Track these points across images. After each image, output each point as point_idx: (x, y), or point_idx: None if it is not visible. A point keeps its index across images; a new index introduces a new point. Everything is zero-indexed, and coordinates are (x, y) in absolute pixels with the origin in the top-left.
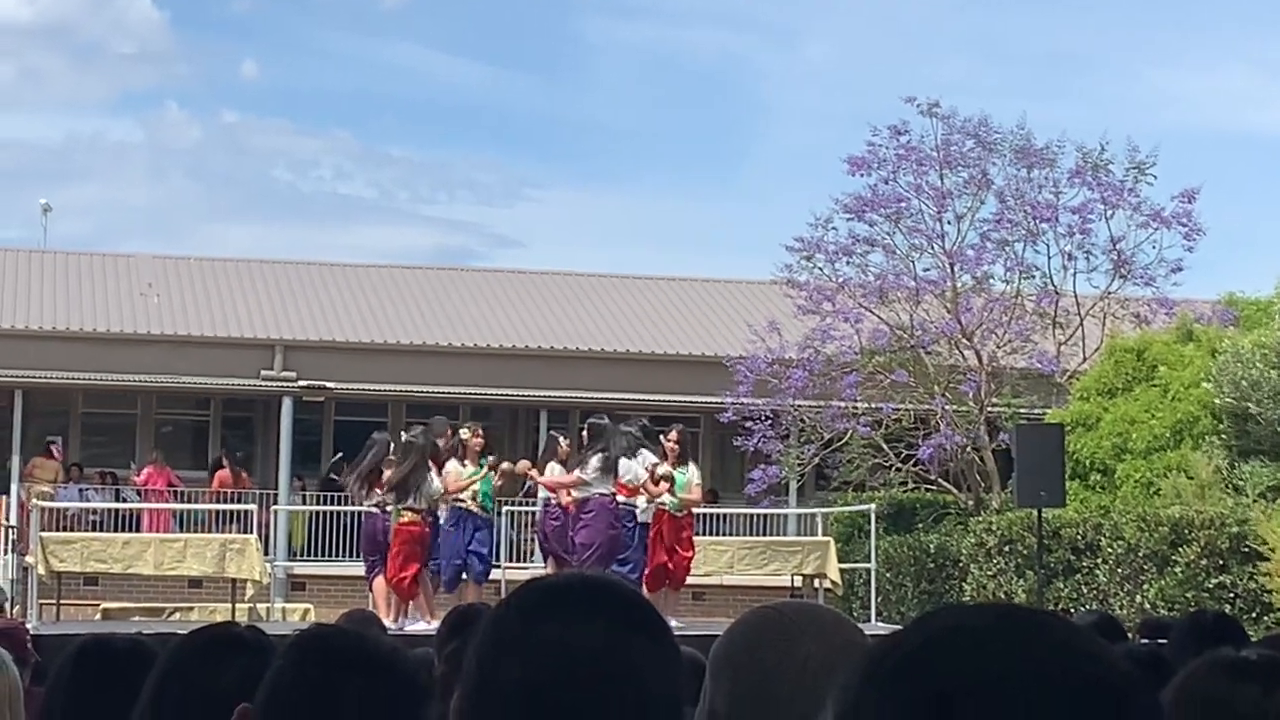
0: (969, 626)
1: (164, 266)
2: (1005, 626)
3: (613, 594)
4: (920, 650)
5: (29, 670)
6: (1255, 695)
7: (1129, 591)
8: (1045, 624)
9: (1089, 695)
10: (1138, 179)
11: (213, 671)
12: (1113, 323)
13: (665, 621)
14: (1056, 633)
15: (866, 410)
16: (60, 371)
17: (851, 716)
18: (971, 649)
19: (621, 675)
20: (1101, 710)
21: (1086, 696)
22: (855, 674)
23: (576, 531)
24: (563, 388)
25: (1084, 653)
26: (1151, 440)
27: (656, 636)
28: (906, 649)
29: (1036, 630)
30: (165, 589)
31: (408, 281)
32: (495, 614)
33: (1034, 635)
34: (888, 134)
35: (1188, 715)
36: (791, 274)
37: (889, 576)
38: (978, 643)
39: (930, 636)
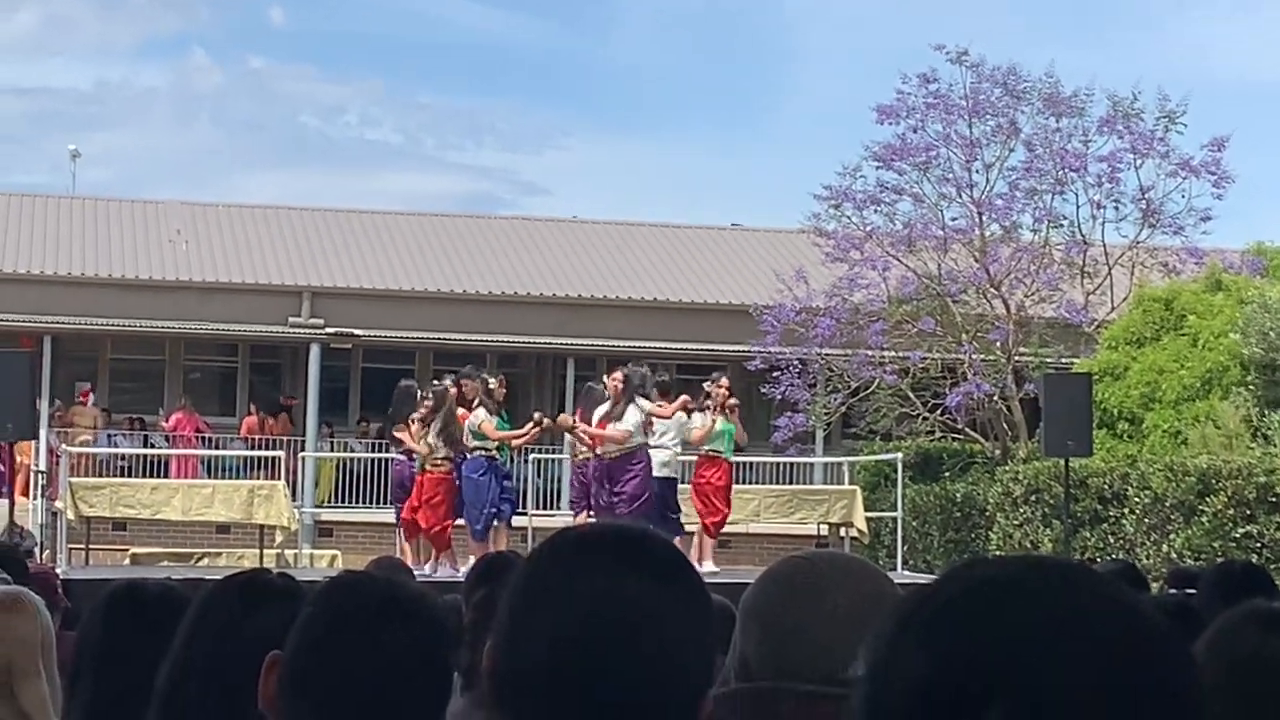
0: (1003, 577)
1: (192, 213)
2: (1039, 577)
3: (646, 545)
4: (955, 601)
5: (59, 615)
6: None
7: (1155, 541)
8: (1079, 575)
9: (1123, 645)
10: (1168, 128)
11: (245, 617)
12: (1141, 272)
13: (698, 572)
14: (1091, 584)
15: (893, 359)
16: (89, 318)
17: (884, 668)
18: (1006, 600)
19: (655, 626)
20: (1136, 660)
21: (1121, 646)
22: (888, 625)
23: (624, 483)
24: (590, 336)
25: (1119, 603)
26: (1180, 390)
27: (689, 587)
28: (941, 600)
29: (1071, 581)
30: (193, 534)
31: (435, 229)
32: (528, 564)
33: (1069, 586)
34: (917, 82)
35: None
36: (819, 222)
37: (915, 525)
38: (1012, 593)
39: (964, 588)
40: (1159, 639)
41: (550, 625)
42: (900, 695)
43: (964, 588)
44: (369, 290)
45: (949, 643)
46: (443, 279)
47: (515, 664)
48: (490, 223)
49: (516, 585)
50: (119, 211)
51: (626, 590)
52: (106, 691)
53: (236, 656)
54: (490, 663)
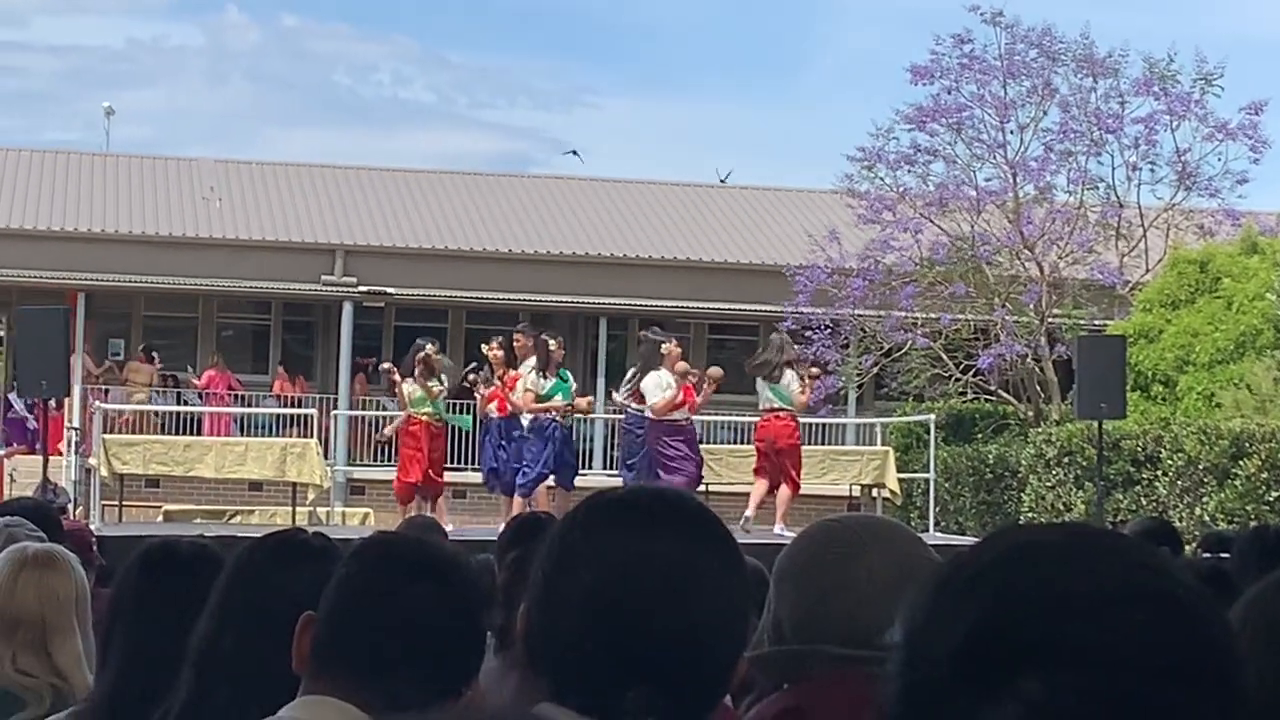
0: (1040, 542)
1: (225, 170)
2: (1076, 544)
3: (681, 507)
4: (991, 567)
5: (94, 572)
6: None
7: (1188, 504)
8: (1117, 542)
9: (1161, 612)
10: (1205, 90)
11: (281, 576)
12: (1176, 234)
13: (731, 534)
14: (1129, 551)
15: (926, 321)
16: (122, 274)
17: (922, 633)
18: (1043, 565)
19: (691, 586)
20: (1174, 627)
21: (1159, 613)
22: (925, 590)
23: (676, 446)
24: (622, 295)
25: (1156, 570)
26: (1214, 353)
27: (723, 548)
28: (978, 565)
29: (1109, 548)
30: (226, 492)
31: (468, 187)
32: (563, 525)
33: (1106, 553)
34: (951, 43)
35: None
36: (852, 184)
37: (947, 486)
38: (1049, 559)
39: (1001, 553)
40: (1197, 605)
41: (585, 587)
42: (937, 660)
43: (1001, 553)
44: (401, 249)
45: (987, 607)
46: (475, 238)
47: (550, 626)
48: (522, 181)
49: (551, 548)
50: (152, 169)
51: (661, 551)
52: (141, 649)
53: (272, 614)
54: (525, 625)
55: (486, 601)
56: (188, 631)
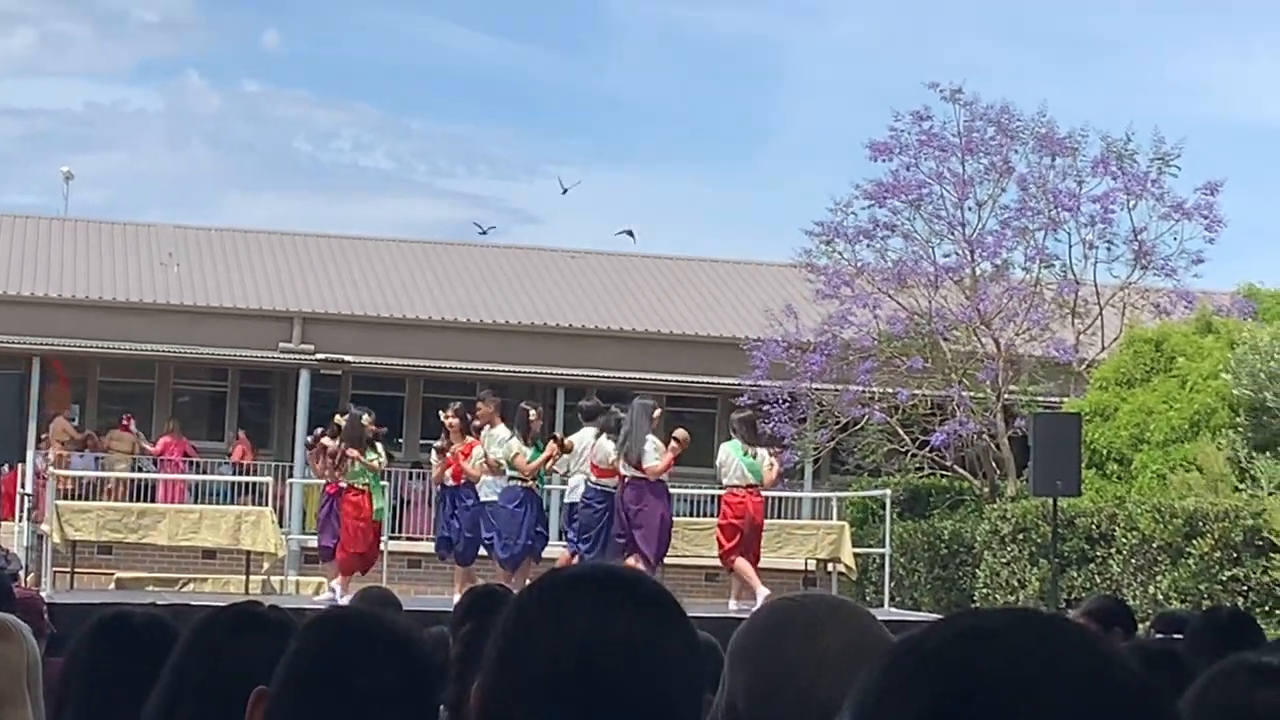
0: (990, 628)
1: (184, 236)
2: (1026, 629)
3: (637, 584)
4: (941, 650)
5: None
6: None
7: (1142, 582)
8: (1067, 628)
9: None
10: (1162, 170)
11: (236, 649)
12: (1132, 313)
13: (685, 611)
14: (1078, 637)
15: (883, 395)
16: (79, 339)
17: (872, 715)
18: (992, 650)
19: (647, 664)
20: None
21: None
22: (875, 672)
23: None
24: (580, 366)
25: (1104, 657)
26: (1168, 431)
27: (676, 625)
28: (927, 649)
29: (1058, 633)
30: (180, 559)
31: (427, 255)
32: (520, 602)
33: (1055, 638)
34: (910, 119)
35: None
36: (811, 258)
37: (903, 562)
38: (999, 644)
39: (951, 637)
40: (1144, 692)
41: (540, 664)
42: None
43: (951, 637)
44: (360, 316)
45: (937, 691)
46: (433, 306)
47: (506, 703)
48: (481, 250)
49: (506, 623)
50: (111, 233)
51: (616, 628)
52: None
53: (226, 687)
54: (479, 700)
55: (440, 676)
56: (140, 702)
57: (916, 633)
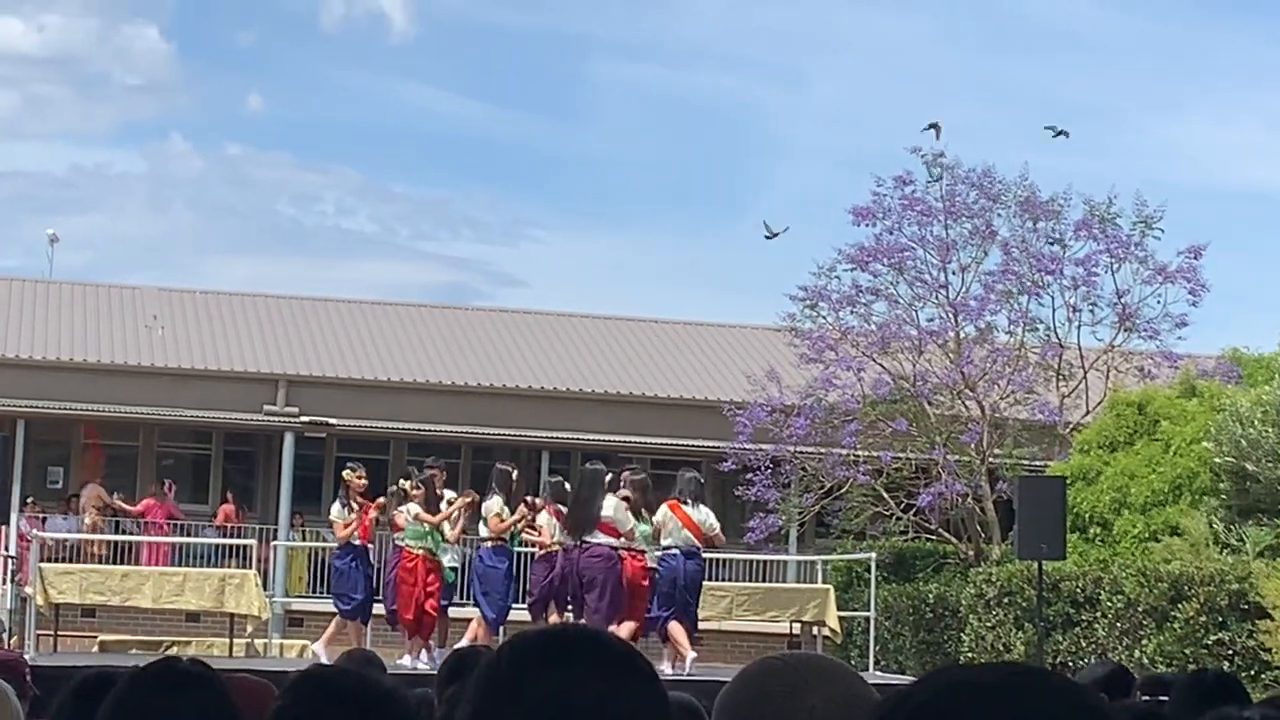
0: (975, 683)
1: (168, 299)
2: (1010, 683)
3: (604, 643)
4: (927, 705)
5: (27, 703)
6: None
7: (1128, 646)
8: (1050, 681)
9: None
10: (1144, 233)
11: (159, 706)
12: (1116, 376)
13: (654, 669)
14: (1061, 690)
15: (867, 459)
16: (63, 402)
17: None
18: (978, 704)
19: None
20: None
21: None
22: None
23: None
24: (564, 429)
25: (1084, 710)
26: (1150, 495)
27: (647, 684)
28: (914, 704)
29: (1042, 687)
30: (163, 622)
31: (411, 319)
32: (489, 665)
33: (1039, 691)
34: (892, 184)
35: None
36: (795, 322)
37: (888, 625)
38: (984, 698)
39: (937, 691)
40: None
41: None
42: None
43: (939, 691)
44: (344, 380)
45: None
46: (418, 369)
47: None
48: (465, 314)
49: (479, 686)
50: (95, 296)
51: (586, 690)
52: None
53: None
54: None
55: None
56: None
57: (904, 688)
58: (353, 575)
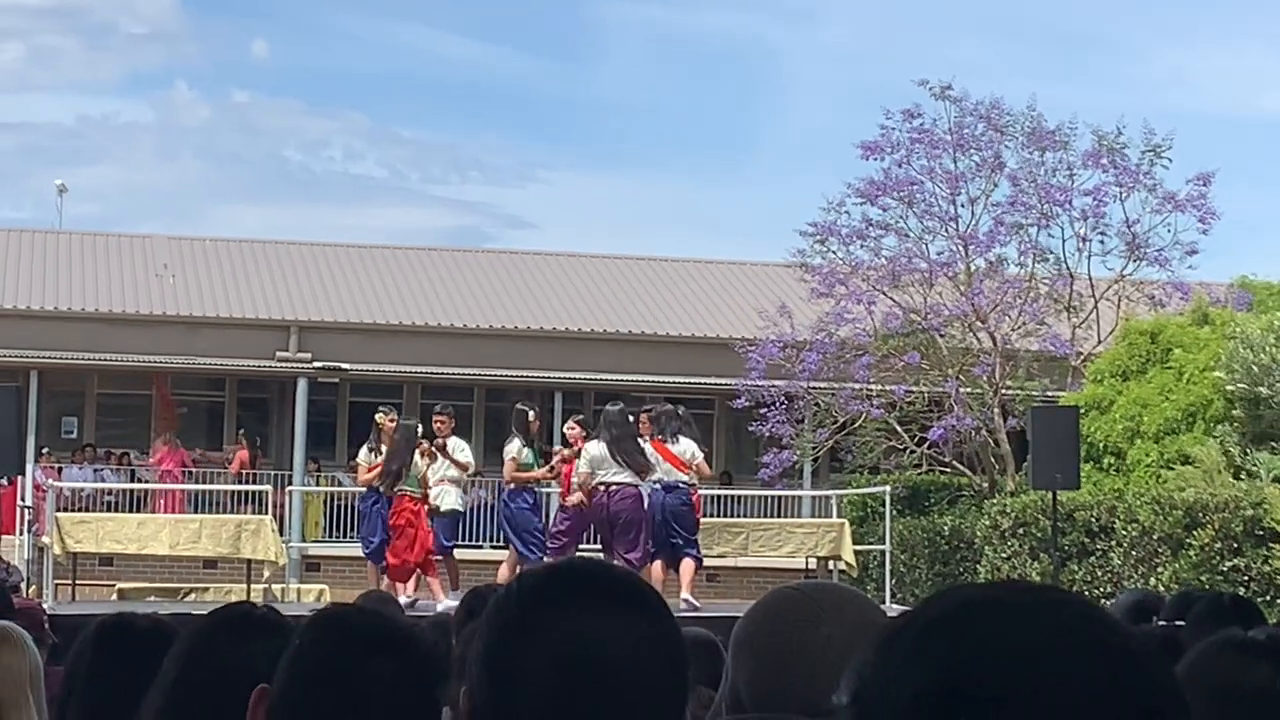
0: (982, 599)
1: (179, 247)
2: (1019, 600)
3: (614, 578)
4: (935, 624)
5: (45, 650)
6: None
7: (1143, 574)
8: (1060, 597)
9: (1108, 664)
10: (1153, 162)
11: (232, 652)
12: (1127, 305)
13: (663, 602)
14: (1072, 605)
15: (880, 393)
16: (75, 352)
17: (870, 692)
18: (987, 621)
19: (629, 656)
20: (1121, 679)
21: (1106, 666)
22: (872, 649)
23: None
24: (577, 369)
25: (1101, 623)
26: (1163, 424)
27: (654, 614)
28: (921, 624)
29: (1052, 603)
30: (180, 569)
31: (422, 262)
32: (499, 602)
33: (1049, 607)
34: (900, 118)
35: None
36: (805, 258)
37: (903, 558)
38: (993, 615)
39: (945, 611)
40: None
41: (524, 665)
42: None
43: (948, 610)
44: (356, 324)
45: (936, 664)
46: (429, 313)
47: (492, 701)
48: (476, 256)
49: (489, 624)
50: (105, 246)
51: (595, 625)
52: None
53: (223, 690)
54: (468, 704)
55: (442, 669)
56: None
57: (912, 608)
58: (372, 518)
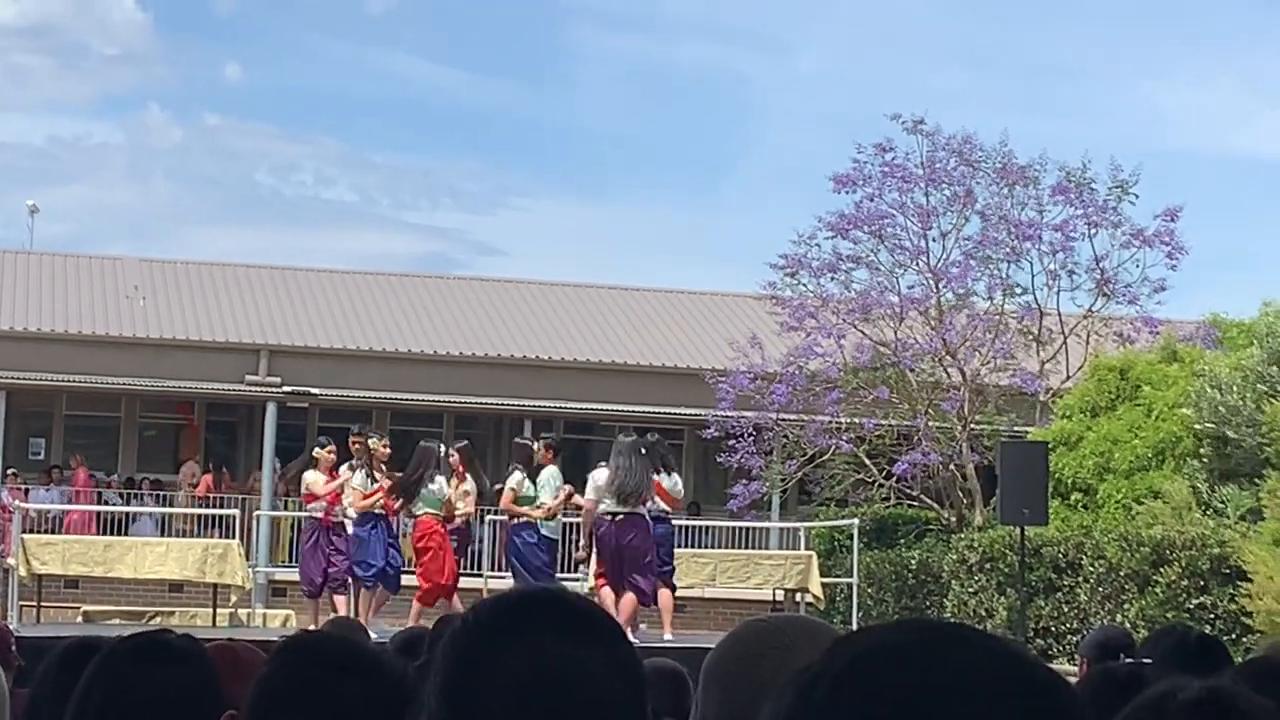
0: (889, 645)
1: (149, 269)
2: (925, 640)
3: (570, 606)
4: (846, 672)
5: (12, 672)
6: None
7: (1110, 611)
8: (965, 634)
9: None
10: (1120, 198)
11: (140, 679)
12: (1096, 341)
13: (620, 628)
14: (977, 641)
15: (849, 426)
16: (44, 373)
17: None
18: (896, 665)
19: (587, 683)
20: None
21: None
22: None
23: None
24: (547, 397)
25: (1008, 655)
26: (1133, 460)
27: (615, 643)
28: (833, 672)
29: (956, 641)
30: (146, 593)
31: (393, 288)
32: (454, 634)
33: (954, 645)
34: (873, 151)
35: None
36: (776, 290)
37: (870, 592)
38: (901, 659)
39: (852, 661)
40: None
41: (482, 694)
42: None
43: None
44: (326, 349)
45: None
46: (400, 338)
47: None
48: (447, 283)
49: (446, 653)
50: (76, 266)
51: (552, 653)
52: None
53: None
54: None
55: (410, 698)
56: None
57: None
58: (373, 543)
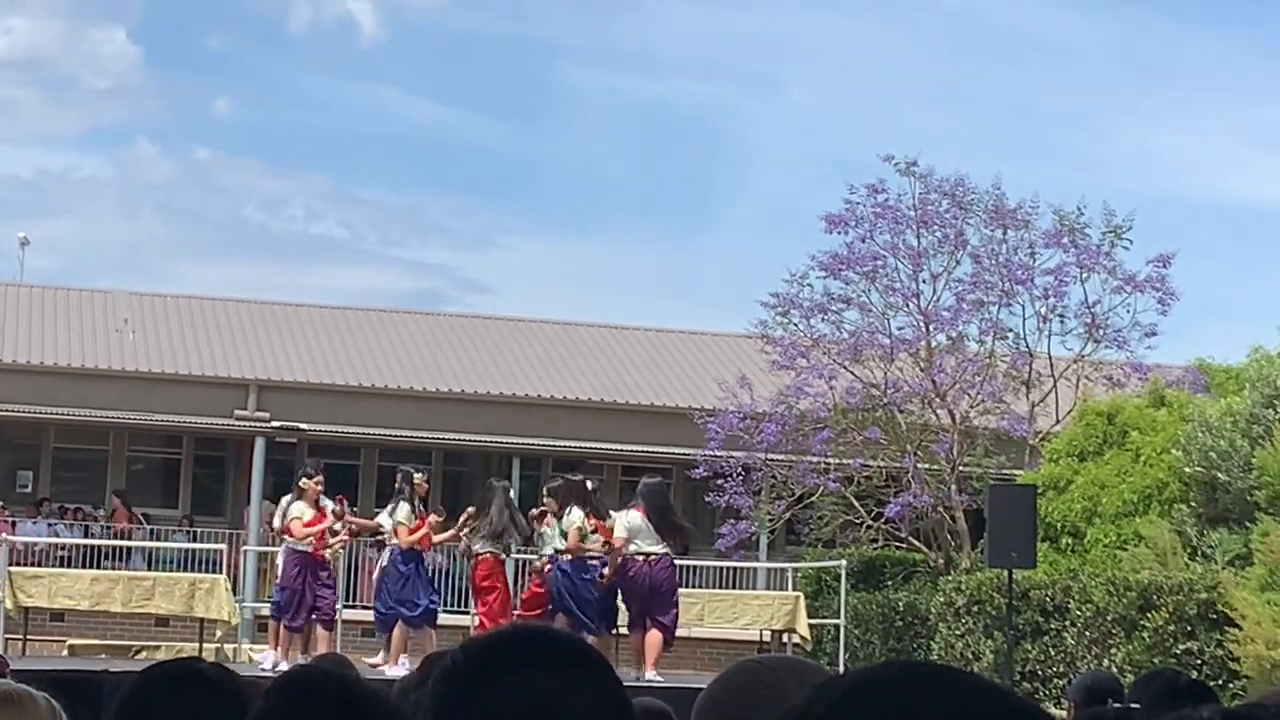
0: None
1: (139, 303)
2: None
3: (560, 643)
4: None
5: None
6: None
7: (1097, 655)
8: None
9: None
10: (1114, 243)
11: (171, 707)
12: (1085, 385)
13: (608, 664)
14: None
15: (838, 466)
16: (33, 405)
17: None
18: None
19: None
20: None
21: None
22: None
23: None
24: (535, 435)
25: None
26: (1120, 505)
27: (603, 680)
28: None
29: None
30: (133, 627)
31: (382, 324)
32: (445, 670)
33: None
34: (865, 192)
35: None
36: (766, 329)
37: (858, 633)
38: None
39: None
40: None
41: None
42: None
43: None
44: (315, 385)
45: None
46: (389, 375)
47: None
48: (436, 319)
49: (435, 691)
50: (66, 300)
51: (541, 689)
52: None
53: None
54: None
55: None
56: None
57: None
58: (415, 581)
